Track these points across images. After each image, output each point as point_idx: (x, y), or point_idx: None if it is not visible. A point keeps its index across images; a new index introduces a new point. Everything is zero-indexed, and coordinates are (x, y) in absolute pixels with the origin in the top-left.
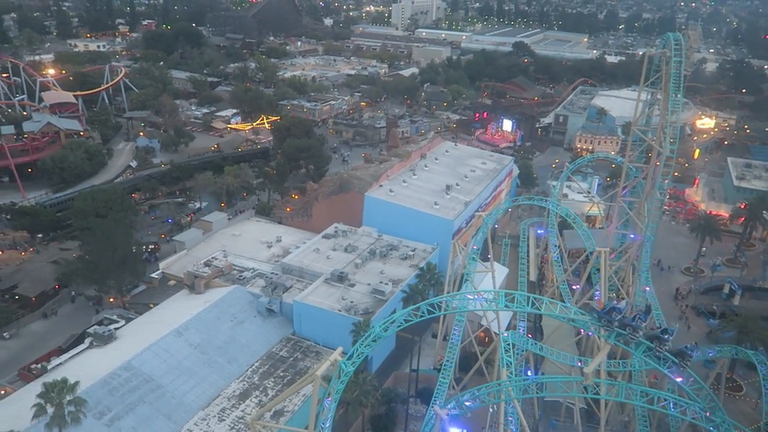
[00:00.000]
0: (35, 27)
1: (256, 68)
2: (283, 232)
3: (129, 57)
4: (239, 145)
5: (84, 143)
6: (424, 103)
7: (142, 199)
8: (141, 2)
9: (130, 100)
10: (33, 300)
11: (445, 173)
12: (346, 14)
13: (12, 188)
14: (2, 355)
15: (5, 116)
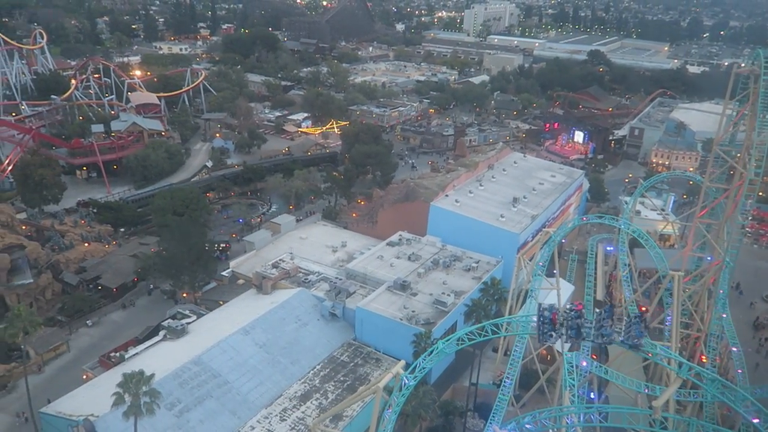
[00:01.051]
0: (125, 30)
1: (328, 73)
2: (348, 237)
3: (208, 60)
4: (309, 149)
5: (165, 143)
6: (493, 111)
7: (215, 198)
8: (222, 7)
9: (209, 102)
10: (114, 291)
11: (512, 185)
12: (417, 20)
13: (99, 183)
14: (85, 342)
15: (96, 115)
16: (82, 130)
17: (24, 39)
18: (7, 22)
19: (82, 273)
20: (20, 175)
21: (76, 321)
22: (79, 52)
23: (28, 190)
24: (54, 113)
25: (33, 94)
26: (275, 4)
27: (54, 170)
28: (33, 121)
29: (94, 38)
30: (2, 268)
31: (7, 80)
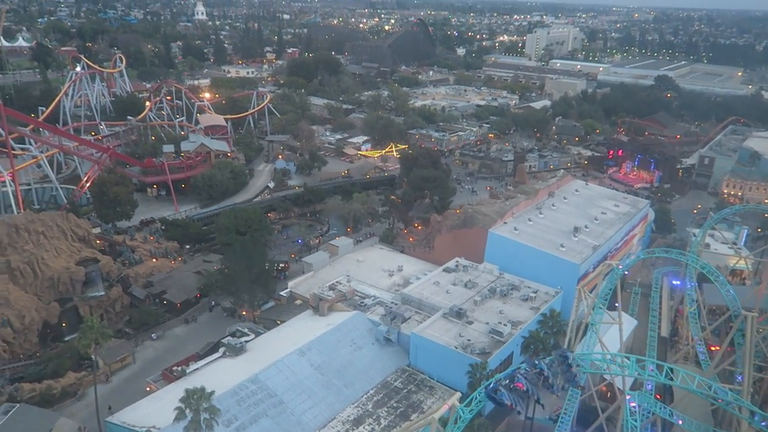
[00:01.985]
0: (196, 54)
1: (388, 96)
2: (404, 262)
3: (274, 83)
4: (368, 172)
5: (230, 164)
6: (554, 137)
7: (276, 218)
8: (288, 32)
9: (272, 124)
10: (178, 306)
11: (573, 214)
12: (478, 44)
13: (168, 201)
14: (149, 354)
15: (167, 136)
16: (154, 150)
17: (105, 63)
18: (91, 46)
19: (149, 287)
20: (97, 191)
21: (142, 334)
22: (154, 75)
23: (104, 206)
24: (129, 133)
25: (111, 114)
26: (339, 30)
27: (127, 188)
28: (110, 140)
29: (168, 62)
30: (77, 280)
31: (88, 101)
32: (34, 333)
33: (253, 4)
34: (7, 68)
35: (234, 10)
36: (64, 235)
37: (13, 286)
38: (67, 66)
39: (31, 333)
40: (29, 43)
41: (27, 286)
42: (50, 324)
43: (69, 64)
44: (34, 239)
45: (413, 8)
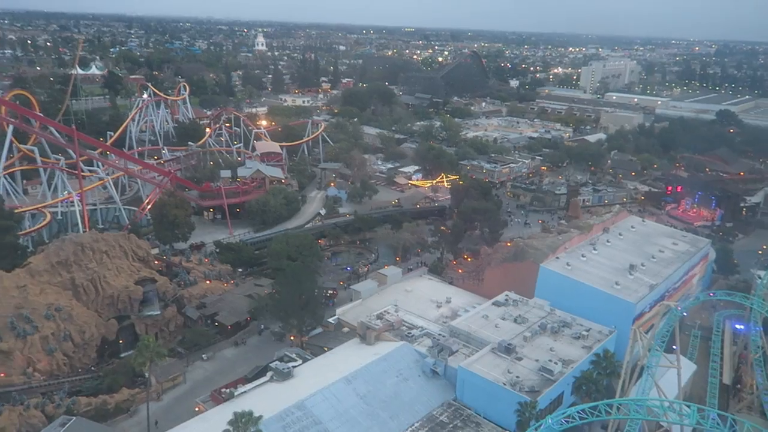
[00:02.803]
0: (255, 83)
1: (440, 127)
2: (453, 293)
3: (328, 112)
4: (418, 202)
5: (284, 190)
6: (609, 171)
7: (326, 245)
8: (343, 62)
9: (326, 152)
10: (228, 328)
11: (629, 251)
12: (532, 76)
13: (223, 225)
14: (199, 374)
15: (225, 161)
16: (212, 175)
17: (170, 90)
18: (157, 75)
19: (202, 308)
20: (157, 213)
21: (193, 354)
22: (215, 102)
23: (163, 227)
24: (189, 158)
25: (173, 140)
26: (393, 61)
27: (186, 211)
28: (171, 164)
29: (229, 90)
30: (136, 299)
31: (153, 127)
32: (93, 348)
33: (311, 36)
34: (81, 94)
35: (292, 41)
36: (125, 255)
37: (76, 302)
38: (135, 93)
39: (90, 348)
40: (101, 71)
41: (89, 302)
42: (108, 340)
43: (137, 91)
44: (97, 258)
45: (467, 40)
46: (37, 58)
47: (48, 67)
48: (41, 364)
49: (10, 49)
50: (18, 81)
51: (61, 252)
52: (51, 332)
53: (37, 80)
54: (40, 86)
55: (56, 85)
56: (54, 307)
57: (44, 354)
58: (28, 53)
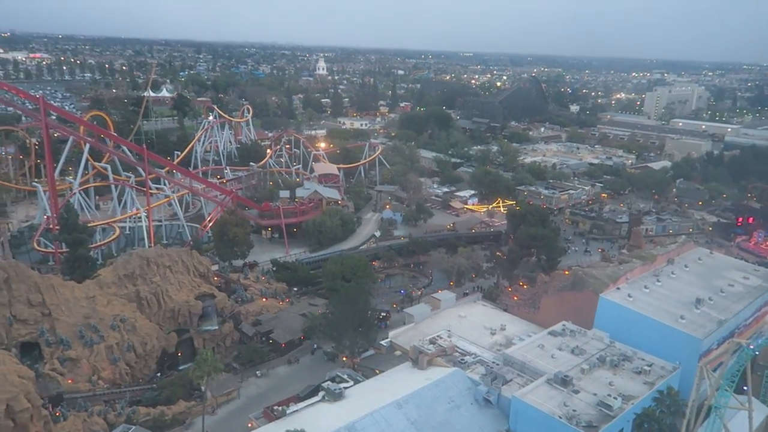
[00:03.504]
0: (315, 106)
1: (497, 152)
2: (507, 321)
3: (385, 135)
4: (473, 226)
5: (340, 211)
6: (674, 200)
7: (380, 267)
8: (401, 86)
9: (382, 174)
10: (282, 346)
11: (695, 284)
12: (593, 101)
13: (280, 244)
14: (253, 391)
15: (284, 182)
16: (271, 195)
17: (234, 112)
18: (222, 98)
19: (257, 325)
20: (218, 231)
21: (248, 370)
22: (276, 124)
23: (223, 245)
24: (250, 178)
25: (235, 160)
26: (451, 85)
27: (245, 229)
28: (233, 184)
29: (289, 113)
30: (195, 314)
31: (217, 147)
32: (154, 360)
33: (370, 61)
34: (152, 115)
35: (352, 65)
36: (187, 270)
37: (140, 314)
38: (202, 115)
39: (151, 359)
40: (171, 94)
41: (151, 315)
42: (168, 352)
43: (203, 113)
44: (161, 272)
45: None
46: (113, 81)
47: (123, 90)
48: (105, 372)
49: (89, 73)
50: (95, 102)
51: (128, 265)
52: (116, 342)
53: (113, 102)
54: (114, 107)
55: (129, 107)
56: (119, 318)
57: (108, 363)
58: (106, 76)
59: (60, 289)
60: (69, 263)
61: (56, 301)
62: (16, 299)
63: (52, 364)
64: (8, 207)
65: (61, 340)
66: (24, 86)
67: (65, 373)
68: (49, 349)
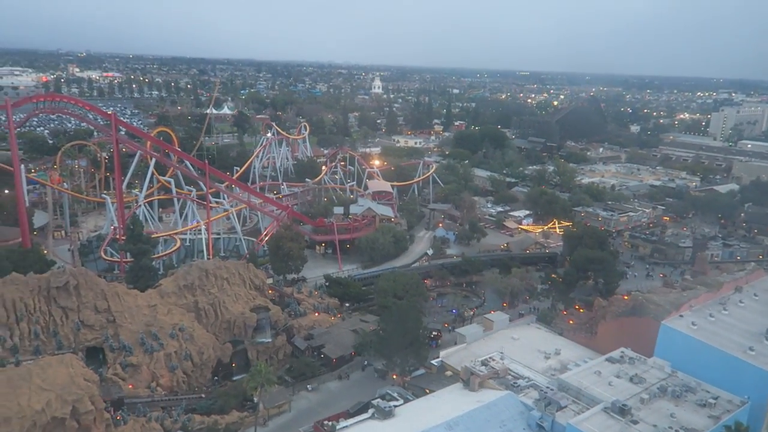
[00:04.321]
0: (370, 124)
1: (554, 172)
2: (562, 345)
3: (439, 153)
4: (528, 247)
5: (393, 228)
6: (742, 225)
7: (432, 286)
8: (456, 105)
9: (435, 192)
10: (333, 361)
11: (766, 313)
12: (655, 121)
13: (333, 260)
14: (303, 404)
15: (338, 198)
16: (325, 211)
17: (291, 129)
18: (281, 115)
19: (309, 340)
20: (273, 245)
21: (299, 383)
22: (332, 142)
23: (278, 259)
24: (306, 194)
25: (292, 176)
26: (506, 104)
27: (300, 244)
28: (289, 199)
29: (345, 130)
30: (250, 326)
31: (274, 163)
32: (209, 369)
33: (425, 80)
34: (213, 132)
35: (407, 84)
36: (243, 283)
37: (197, 324)
38: (260, 132)
39: (207, 369)
40: (232, 111)
41: (208, 325)
42: (222, 362)
43: (262, 130)
44: (219, 284)
45: (584, 84)
46: (178, 98)
47: (187, 107)
48: (164, 379)
49: (156, 91)
50: (161, 119)
51: (188, 276)
52: (174, 350)
53: (177, 118)
54: (179, 123)
55: (193, 123)
56: (178, 327)
57: (167, 370)
58: (171, 94)
59: (124, 297)
60: (133, 272)
61: (120, 309)
62: (84, 305)
63: (114, 369)
64: (79, 217)
65: (124, 346)
66: (97, 103)
67: (126, 378)
68: (112, 354)
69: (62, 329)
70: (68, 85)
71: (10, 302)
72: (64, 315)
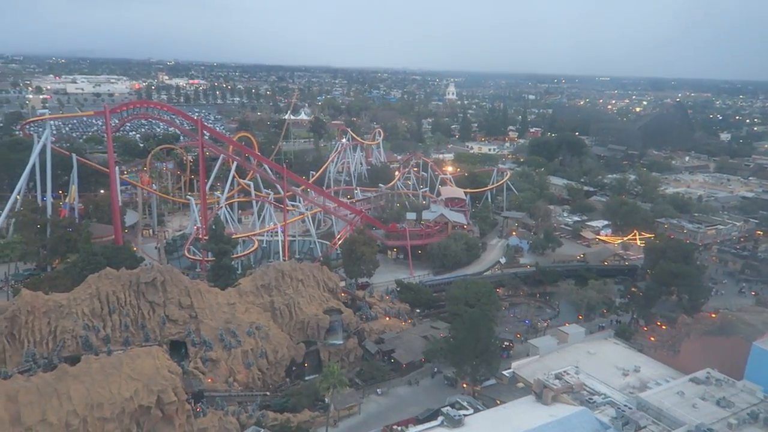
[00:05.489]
0: (444, 130)
1: (635, 181)
2: (642, 362)
3: (513, 160)
4: (606, 259)
5: (465, 236)
6: None
7: (504, 295)
8: (532, 111)
9: (509, 200)
10: (403, 366)
11: None
12: (748, 129)
13: (404, 265)
14: (373, 408)
15: (410, 204)
16: (398, 216)
17: (365, 135)
18: (355, 121)
19: (380, 344)
20: (347, 249)
21: (369, 387)
22: (405, 147)
23: (351, 262)
24: (379, 199)
25: (365, 181)
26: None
27: (372, 248)
28: (362, 204)
29: (418, 136)
30: (323, 327)
31: (348, 168)
32: (283, 368)
33: (500, 86)
34: (291, 137)
35: (481, 90)
36: (317, 285)
37: (273, 323)
38: (336, 137)
39: (281, 367)
40: (309, 117)
41: (283, 325)
42: (295, 362)
43: (337, 135)
44: (294, 285)
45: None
46: (258, 104)
47: (266, 113)
48: (240, 375)
49: (238, 97)
50: (242, 124)
51: (265, 276)
52: (250, 348)
53: (257, 123)
54: (258, 129)
55: (272, 128)
56: (255, 325)
57: (243, 367)
58: (252, 100)
59: (206, 295)
60: (214, 271)
61: (202, 305)
62: (170, 301)
63: (195, 363)
64: (165, 217)
65: (204, 342)
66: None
67: (206, 373)
68: (193, 348)
69: (149, 322)
70: (158, 91)
71: (104, 295)
72: (151, 309)
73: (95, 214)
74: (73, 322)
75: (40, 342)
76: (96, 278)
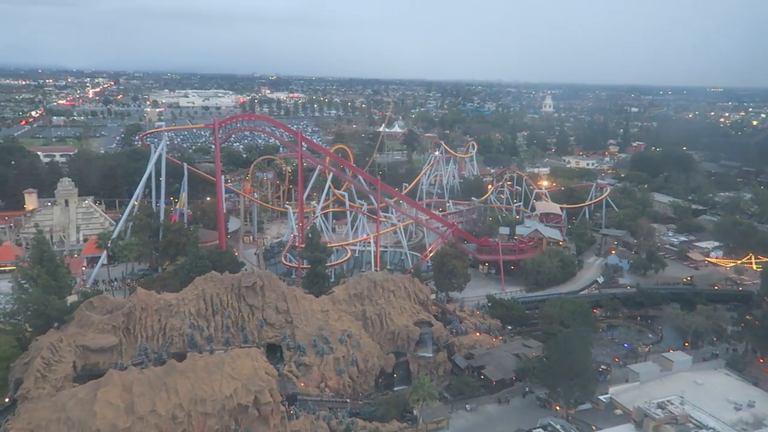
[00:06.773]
0: (539, 144)
1: (750, 200)
2: (757, 397)
3: (613, 176)
4: (716, 283)
5: (560, 252)
6: None
7: (602, 316)
8: (635, 124)
9: (609, 217)
10: (493, 383)
11: None
12: None
13: (495, 280)
14: (461, 424)
15: (503, 218)
16: (490, 230)
17: (459, 148)
18: (449, 134)
19: (469, 359)
20: (438, 261)
21: (458, 402)
22: (499, 161)
23: (442, 275)
24: (471, 212)
25: (457, 194)
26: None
27: (464, 262)
28: (454, 217)
29: (513, 150)
30: (413, 339)
31: (441, 181)
32: (372, 377)
33: (600, 98)
34: (385, 149)
35: (580, 102)
36: (408, 296)
37: (364, 332)
38: (429, 150)
39: (370, 376)
40: (402, 130)
41: (374, 334)
42: (384, 372)
43: (430, 148)
44: (385, 296)
45: None
46: (354, 117)
47: (361, 125)
48: (331, 381)
49: (334, 110)
50: (338, 136)
51: (358, 286)
52: (342, 355)
53: (352, 136)
54: (354, 141)
55: (366, 141)
56: (347, 333)
57: (335, 373)
58: (348, 113)
59: (301, 301)
60: (309, 278)
61: (298, 311)
62: (268, 305)
63: (290, 367)
64: (265, 224)
65: (299, 347)
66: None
67: (299, 377)
68: (288, 352)
69: (248, 325)
70: (260, 105)
71: (208, 297)
72: (250, 312)
73: (202, 219)
74: (181, 321)
75: (152, 338)
76: (202, 280)
